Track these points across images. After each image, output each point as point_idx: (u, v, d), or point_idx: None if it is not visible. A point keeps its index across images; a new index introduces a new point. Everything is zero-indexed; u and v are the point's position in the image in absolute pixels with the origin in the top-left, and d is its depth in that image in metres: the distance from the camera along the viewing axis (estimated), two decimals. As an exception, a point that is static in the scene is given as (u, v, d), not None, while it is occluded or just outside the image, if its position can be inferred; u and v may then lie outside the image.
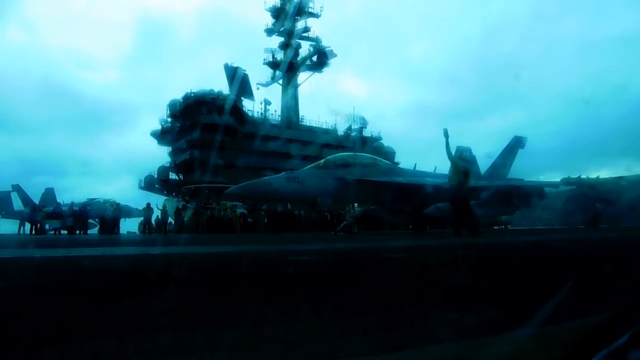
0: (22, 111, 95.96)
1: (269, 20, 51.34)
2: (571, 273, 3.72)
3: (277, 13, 50.48)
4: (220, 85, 45.84)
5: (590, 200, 20.55)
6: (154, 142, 47.67)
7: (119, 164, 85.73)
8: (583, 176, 21.11)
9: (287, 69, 50.24)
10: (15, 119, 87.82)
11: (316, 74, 52.13)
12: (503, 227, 29.29)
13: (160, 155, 48.31)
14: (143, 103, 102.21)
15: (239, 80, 44.35)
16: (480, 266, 4.86)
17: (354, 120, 50.90)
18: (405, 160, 40.29)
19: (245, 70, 44.96)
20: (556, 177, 21.10)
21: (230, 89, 44.49)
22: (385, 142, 50.95)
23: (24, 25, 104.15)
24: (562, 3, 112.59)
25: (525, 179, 21.12)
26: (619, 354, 0.83)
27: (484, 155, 22.92)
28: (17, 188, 35.33)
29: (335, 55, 51.80)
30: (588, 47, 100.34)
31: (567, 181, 20.21)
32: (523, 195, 19.54)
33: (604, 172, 22.15)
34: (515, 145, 24.47)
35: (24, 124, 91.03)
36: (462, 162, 13.59)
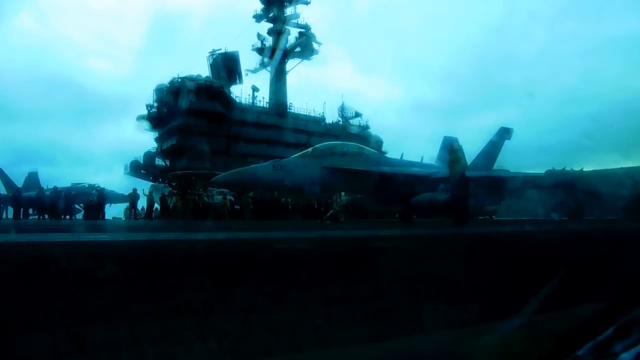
0: (19, 100, 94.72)
1: (257, 6, 50.95)
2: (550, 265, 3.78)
3: (266, -2, 50.12)
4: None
5: (574, 192, 20.83)
6: (140, 127, 47.03)
7: (111, 153, 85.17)
8: (567, 168, 21.39)
9: (275, 56, 49.86)
10: (11, 107, 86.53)
11: (305, 61, 52.05)
12: (488, 217, 29.59)
13: (146, 140, 47.78)
14: (139, 93, 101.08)
15: (226, 65, 44.10)
16: (461, 255, 4.92)
17: (343, 108, 50.98)
18: (395, 150, 40.40)
19: (237, 51, 44.75)
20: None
21: (212, 76, 44.09)
22: (375, 132, 51.03)
23: (36, 14, 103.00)
24: (560, 5, 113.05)
25: (511, 171, 21.35)
26: (604, 347, 0.85)
27: None
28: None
29: (322, 43, 51.69)
30: (585, 48, 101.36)
31: (551, 173, 20.44)
32: (508, 186, 19.74)
33: (588, 166, 22.43)
34: (502, 136, 24.68)
35: (20, 113, 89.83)
36: (461, 155, 14.05)
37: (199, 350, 1.93)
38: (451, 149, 14.03)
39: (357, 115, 51.70)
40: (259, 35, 50.79)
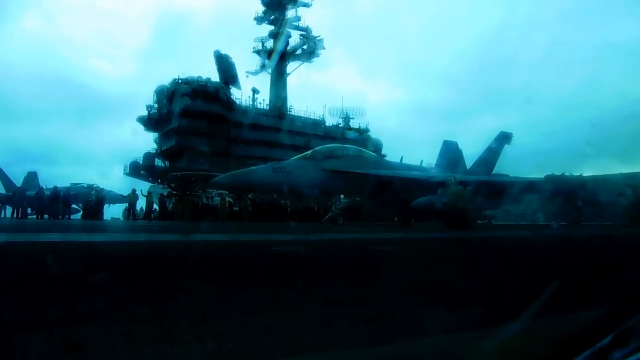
0: (21, 99, 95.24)
1: (259, 8, 51.10)
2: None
3: (268, 1, 50.17)
4: (210, 72, 45.39)
5: (573, 198, 20.81)
6: (140, 128, 47.03)
7: (111, 153, 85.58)
8: (567, 173, 21.37)
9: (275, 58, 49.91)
10: (12, 106, 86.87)
11: (306, 64, 52.18)
12: (487, 221, 29.58)
13: (146, 141, 47.70)
14: (140, 93, 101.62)
15: (225, 67, 44.12)
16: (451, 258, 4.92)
17: (342, 112, 51.06)
18: (395, 153, 40.49)
19: (230, 57, 44.72)
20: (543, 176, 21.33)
21: (219, 77, 44.26)
22: (376, 135, 51.06)
23: (42, 14, 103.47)
24: (561, 10, 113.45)
25: (511, 175, 21.42)
26: (602, 354, 0.85)
27: None
28: (-1, 171, 34.46)
29: (324, 48, 51.75)
30: (585, 54, 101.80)
31: (550, 178, 20.42)
32: (507, 191, 19.78)
33: (587, 171, 22.35)
34: (502, 141, 24.77)
35: (21, 112, 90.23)
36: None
37: (196, 352, 1.93)
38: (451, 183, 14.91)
39: (349, 117, 51.73)
40: (256, 38, 51.04)
